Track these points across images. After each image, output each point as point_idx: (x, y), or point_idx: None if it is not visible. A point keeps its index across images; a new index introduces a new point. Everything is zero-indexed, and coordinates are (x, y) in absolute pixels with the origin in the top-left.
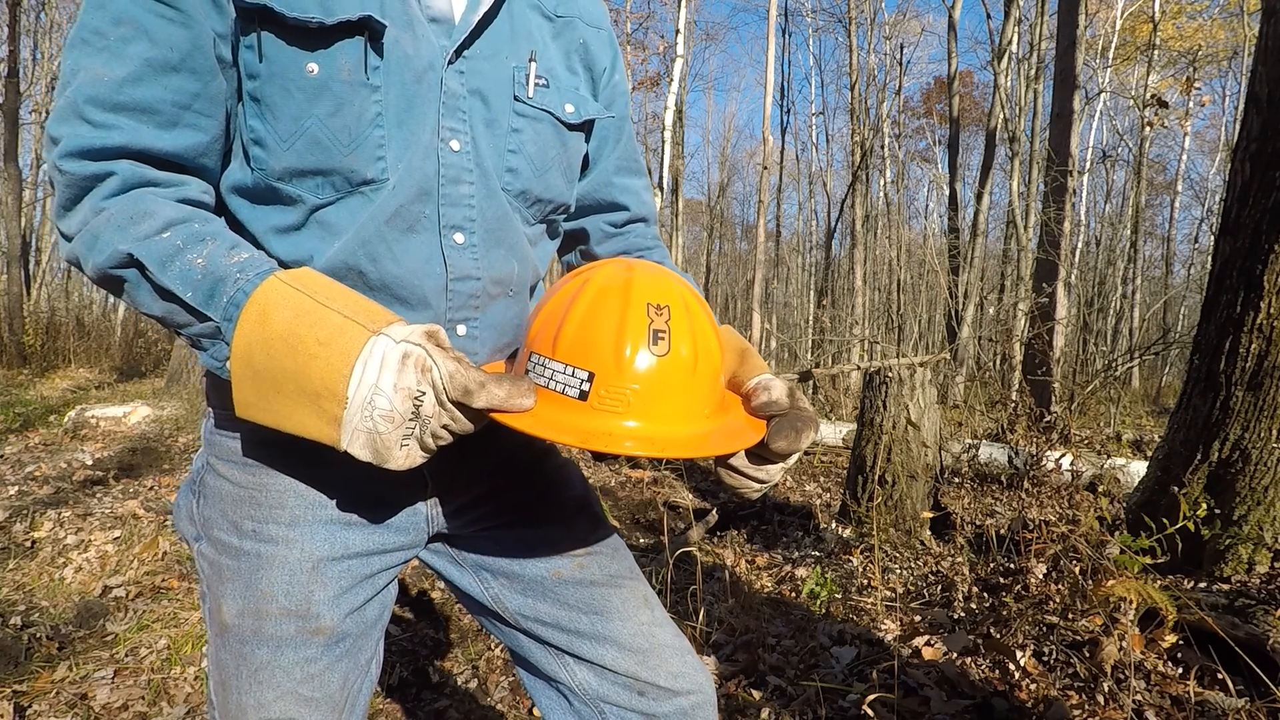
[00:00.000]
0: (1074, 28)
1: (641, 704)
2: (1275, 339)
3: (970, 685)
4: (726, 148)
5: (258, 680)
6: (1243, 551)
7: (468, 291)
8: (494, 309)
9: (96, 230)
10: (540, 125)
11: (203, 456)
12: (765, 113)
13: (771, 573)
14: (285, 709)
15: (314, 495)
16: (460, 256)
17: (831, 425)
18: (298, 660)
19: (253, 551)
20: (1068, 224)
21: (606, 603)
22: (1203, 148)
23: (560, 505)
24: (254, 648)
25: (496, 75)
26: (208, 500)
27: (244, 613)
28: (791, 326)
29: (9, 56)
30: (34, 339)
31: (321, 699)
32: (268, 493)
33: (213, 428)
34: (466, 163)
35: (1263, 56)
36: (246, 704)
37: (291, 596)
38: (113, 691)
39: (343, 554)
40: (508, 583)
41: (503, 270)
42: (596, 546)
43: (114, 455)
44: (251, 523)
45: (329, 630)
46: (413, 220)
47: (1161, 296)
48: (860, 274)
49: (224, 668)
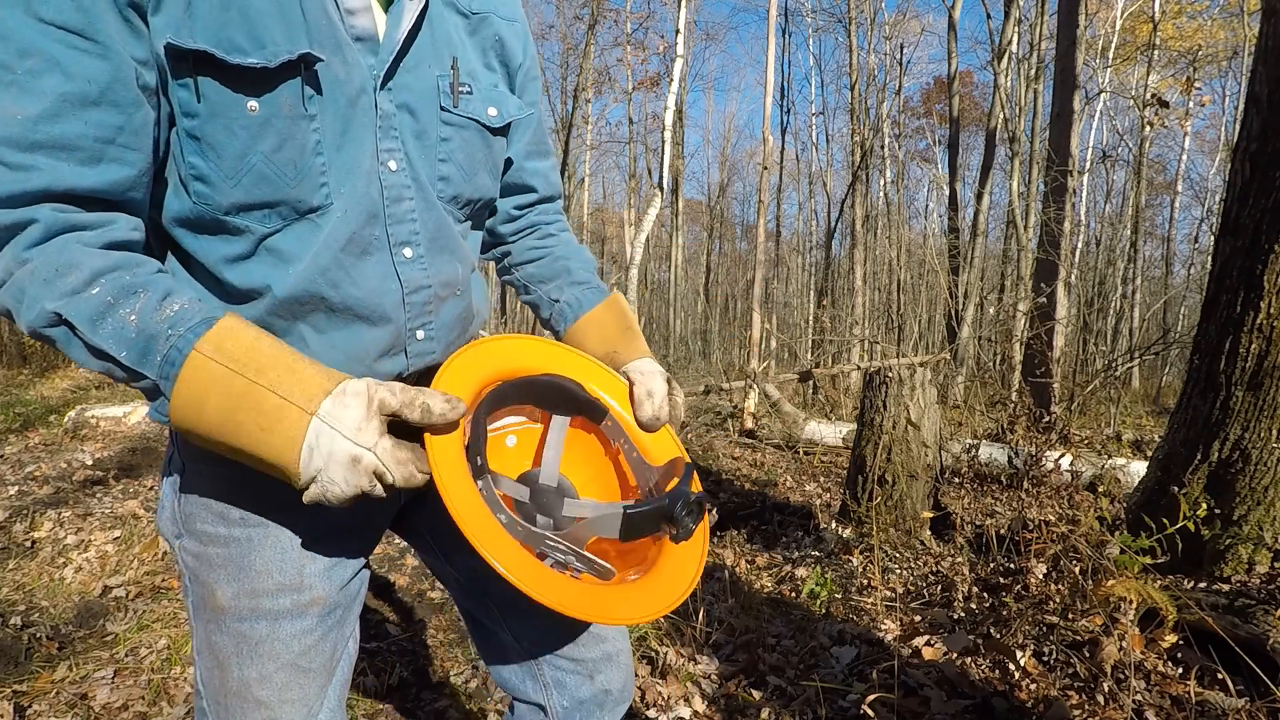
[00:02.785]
0: (1074, 28)
1: (571, 651)
2: (1275, 339)
3: (970, 685)
4: (726, 148)
5: (258, 654)
6: (1243, 551)
7: (422, 300)
8: (445, 310)
9: (22, 284)
10: (467, 133)
11: (177, 461)
12: (765, 113)
13: (771, 573)
14: (286, 679)
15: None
16: (411, 269)
17: (831, 425)
18: (295, 632)
19: (243, 536)
20: (1068, 224)
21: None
22: (1203, 148)
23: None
24: (252, 624)
25: (422, 88)
26: (189, 497)
27: (240, 594)
28: (791, 326)
29: None
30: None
31: (317, 668)
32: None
33: None
34: (405, 180)
35: (1263, 56)
36: (249, 678)
37: (285, 572)
38: (113, 691)
39: (330, 530)
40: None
41: (449, 273)
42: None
43: (114, 455)
44: (239, 511)
45: (322, 601)
46: (365, 244)
47: (1161, 296)
48: (860, 274)
49: (220, 650)
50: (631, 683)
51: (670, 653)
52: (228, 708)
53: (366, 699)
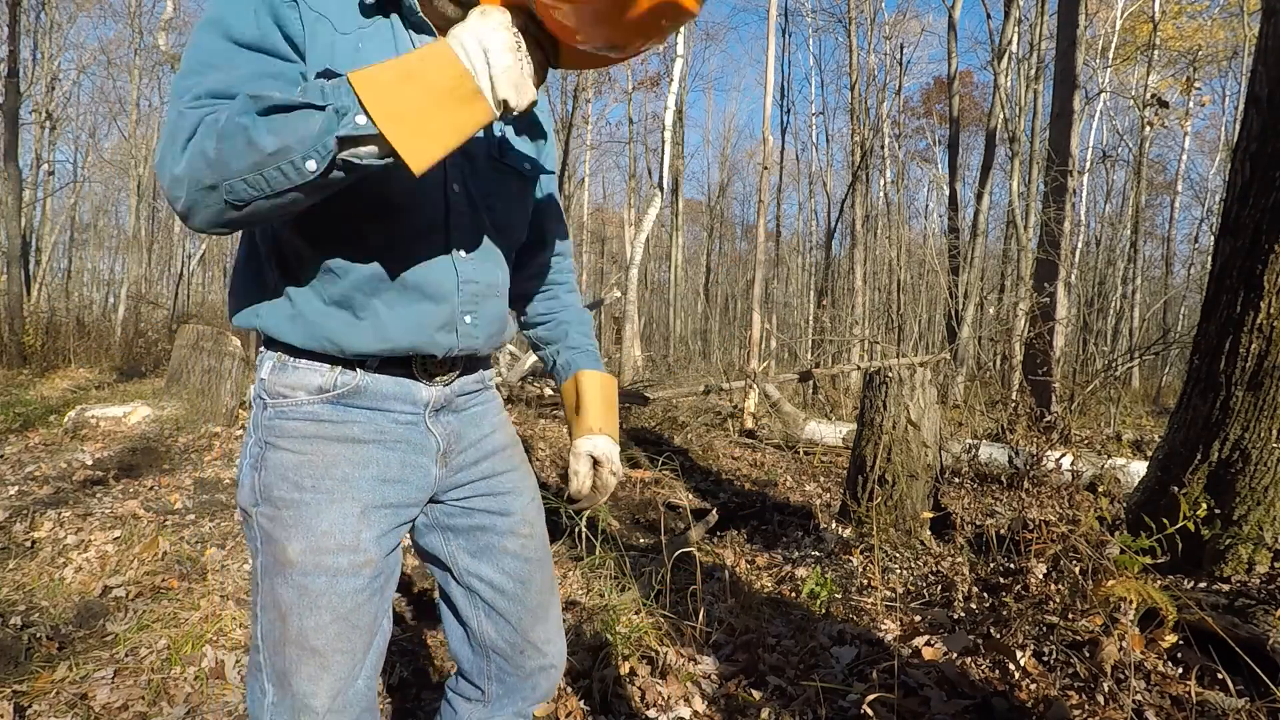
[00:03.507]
0: (1074, 28)
1: (517, 659)
2: (1275, 339)
3: (970, 685)
4: (726, 148)
5: (317, 606)
6: (1243, 551)
7: (470, 292)
8: (488, 305)
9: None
10: (507, 177)
11: (260, 441)
12: (765, 113)
13: (771, 573)
14: (338, 630)
15: (360, 459)
16: (465, 266)
17: (831, 425)
18: (349, 589)
19: (312, 501)
20: (1068, 224)
21: (531, 577)
22: (1203, 148)
23: (521, 494)
24: (314, 578)
25: (479, 144)
26: (268, 470)
27: (306, 550)
28: (791, 326)
29: (9, 56)
30: (34, 339)
31: (363, 627)
32: (324, 458)
33: (272, 417)
34: (464, 202)
35: (1263, 56)
36: (307, 628)
37: (345, 533)
38: (113, 691)
39: (382, 503)
40: (465, 544)
41: (492, 277)
42: (538, 532)
43: (114, 455)
44: (311, 479)
45: (373, 564)
46: (434, 240)
47: (1161, 296)
48: (860, 274)
49: (284, 602)
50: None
51: (670, 653)
52: (285, 656)
53: None
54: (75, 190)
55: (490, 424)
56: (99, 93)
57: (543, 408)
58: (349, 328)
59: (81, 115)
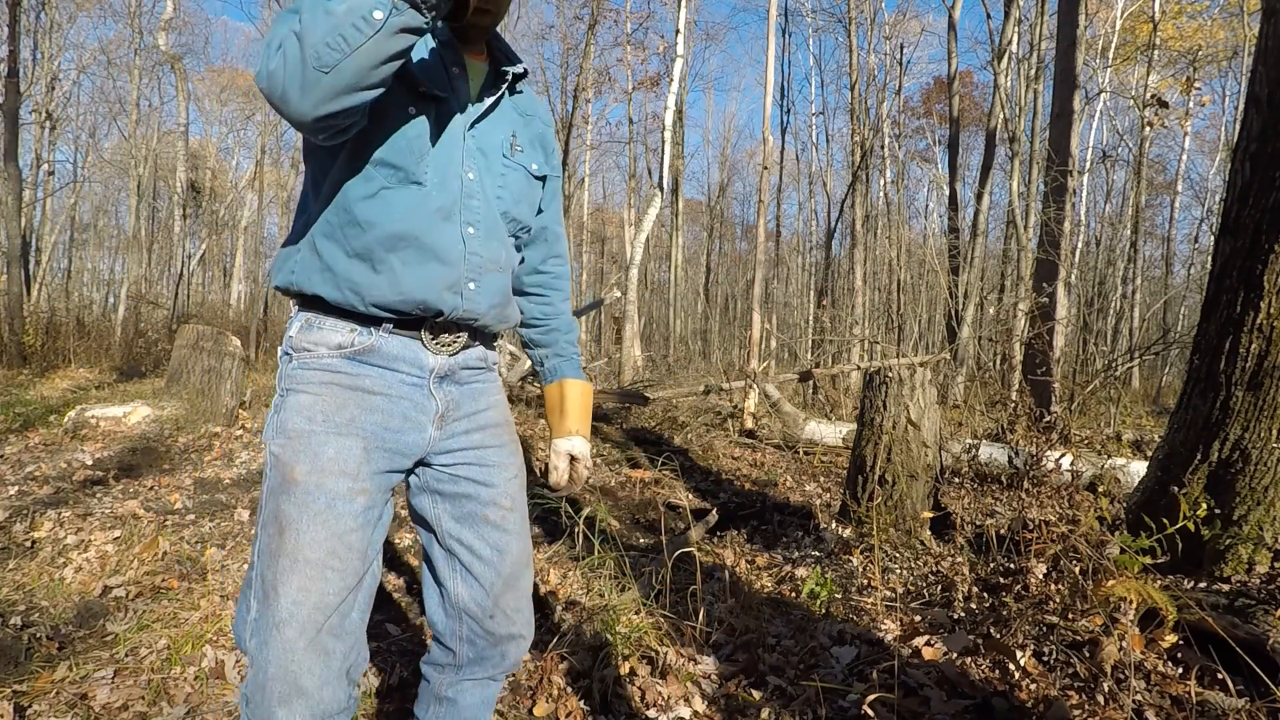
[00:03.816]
0: (1074, 28)
1: (488, 624)
2: (1275, 339)
3: (970, 685)
4: (726, 148)
5: (316, 520)
6: (1243, 551)
7: (475, 262)
8: (489, 276)
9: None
10: (517, 174)
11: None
12: (765, 113)
13: (771, 573)
14: (331, 547)
15: (368, 406)
16: (472, 240)
17: (831, 425)
18: (345, 511)
19: (322, 432)
20: (1068, 224)
21: (508, 548)
22: (1203, 148)
23: (505, 469)
24: (316, 497)
25: (491, 141)
26: (287, 410)
27: (312, 471)
28: (791, 326)
29: (9, 56)
30: (34, 339)
31: (355, 549)
32: (336, 400)
33: (295, 369)
34: (475, 187)
35: (1263, 56)
36: (303, 541)
37: (347, 462)
38: (113, 691)
39: (381, 446)
40: (450, 509)
41: (494, 253)
42: (519, 508)
43: (114, 455)
44: (322, 415)
45: (369, 493)
46: (447, 214)
47: (1161, 296)
48: (860, 274)
49: (285, 516)
50: (522, 658)
51: (670, 653)
52: (277, 568)
53: (367, 699)
54: (75, 190)
55: (488, 401)
56: (99, 93)
57: (542, 408)
58: (369, 278)
59: (81, 115)
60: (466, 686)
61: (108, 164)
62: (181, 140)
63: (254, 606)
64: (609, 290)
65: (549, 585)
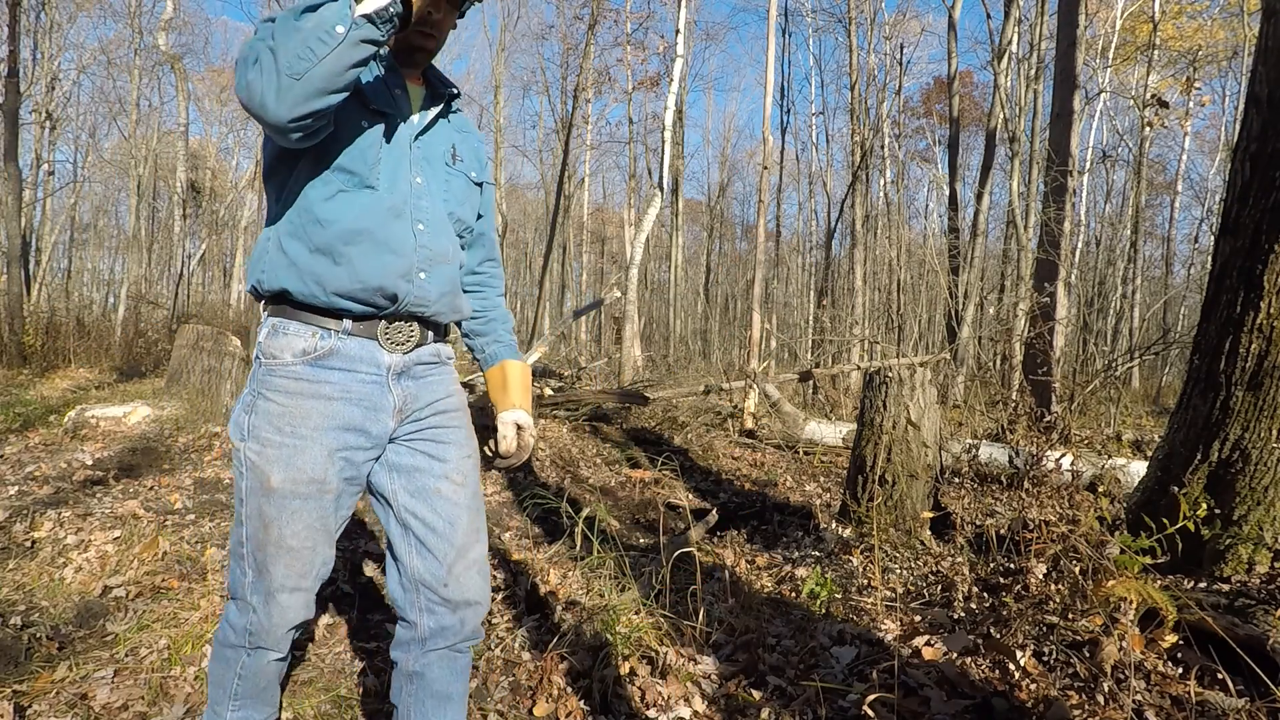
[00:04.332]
0: (1074, 28)
1: (443, 591)
2: (1275, 339)
3: (970, 685)
4: (726, 148)
5: (294, 518)
6: (1243, 551)
7: (424, 255)
8: (438, 268)
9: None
10: (459, 179)
11: (253, 391)
12: (765, 113)
13: (771, 573)
14: (308, 534)
15: (330, 413)
16: (422, 235)
17: (831, 425)
18: (316, 508)
19: (291, 444)
20: (1068, 224)
21: (459, 520)
22: (1203, 148)
23: (459, 447)
24: (291, 500)
25: (434, 152)
26: (258, 415)
27: (286, 479)
28: (791, 326)
29: (9, 56)
30: (34, 339)
31: (326, 531)
32: (302, 411)
33: (265, 374)
34: (423, 190)
35: (1263, 56)
36: (285, 533)
37: (315, 470)
38: (113, 691)
39: (343, 447)
40: (405, 484)
41: (441, 247)
42: (470, 485)
43: (114, 455)
44: (290, 427)
45: (334, 490)
46: (398, 212)
47: (1161, 296)
48: (860, 274)
49: (268, 515)
50: (480, 627)
51: (670, 653)
52: (267, 553)
53: (367, 699)
54: (75, 190)
55: (444, 390)
56: (99, 93)
57: (543, 408)
58: (331, 270)
59: (81, 115)
60: (432, 659)
61: (108, 164)
62: (181, 140)
63: (250, 574)
64: (609, 290)
65: (549, 585)
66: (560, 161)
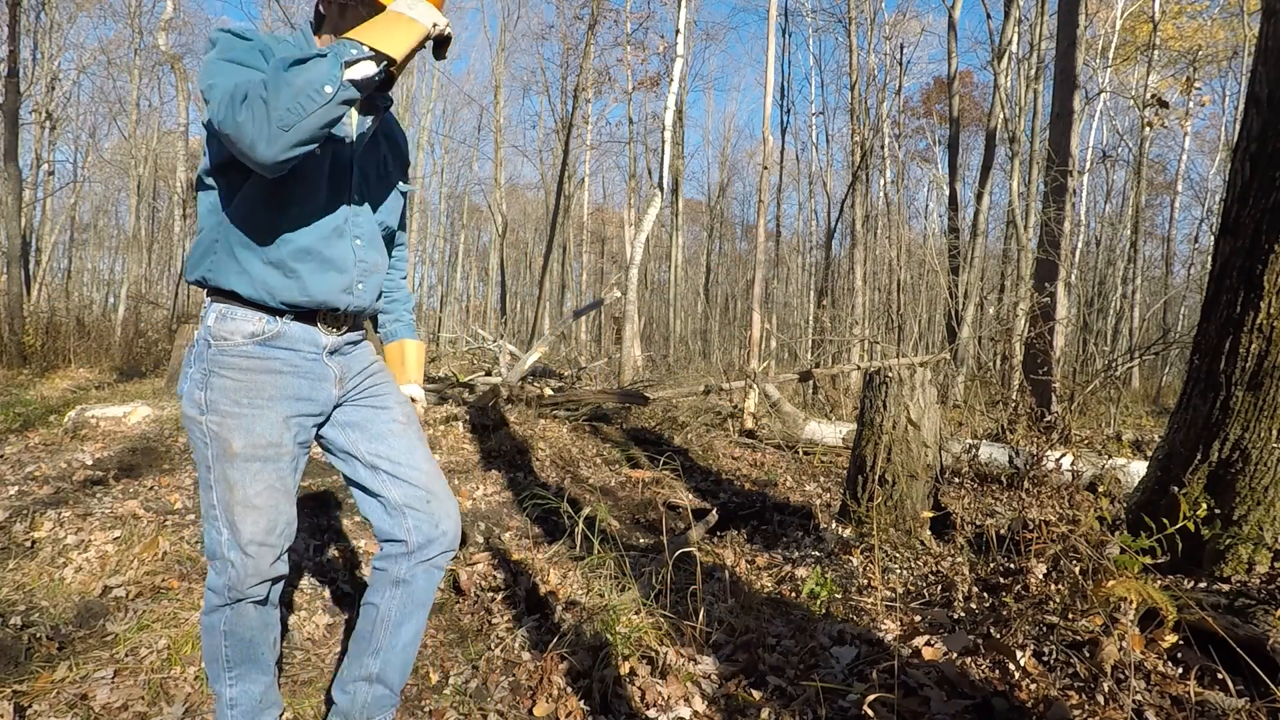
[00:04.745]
0: (1074, 28)
1: (427, 509)
2: (1275, 339)
3: (970, 685)
4: (726, 148)
5: (256, 479)
6: (1243, 551)
7: (363, 268)
8: (372, 278)
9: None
10: (389, 188)
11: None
12: (765, 113)
13: (771, 573)
14: (270, 493)
15: (280, 385)
16: (359, 250)
17: (831, 425)
18: (275, 469)
19: (248, 413)
20: (1068, 224)
21: (415, 450)
22: (1203, 148)
23: (396, 397)
24: (251, 462)
25: (371, 166)
26: (214, 391)
27: (247, 445)
28: (791, 326)
29: (9, 56)
30: (34, 339)
31: (285, 489)
32: (255, 384)
33: (215, 354)
34: (360, 207)
35: (1263, 56)
36: (250, 493)
37: (271, 434)
38: (113, 691)
39: (295, 414)
40: (362, 435)
41: (375, 259)
42: (413, 426)
43: (114, 455)
44: (247, 398)
45: (290, 453)
46: (340, 231)
47: (1161, 296)
48: (860, 274)
49: (232, 478)
50: (458, 534)
51: (670, 653)
52: (234, 512)
53: None
54: (75, 190)
55: (369, 358)
56: (99, 93)
57: (543, 408)
58: (282, 283)
59: (81, 115)
60: (419, 571)
61: (108, 164)
62: (181, 140)
63: (224, 532)
64: (609, 290)
65: (549, 585)
66: (560, 161)
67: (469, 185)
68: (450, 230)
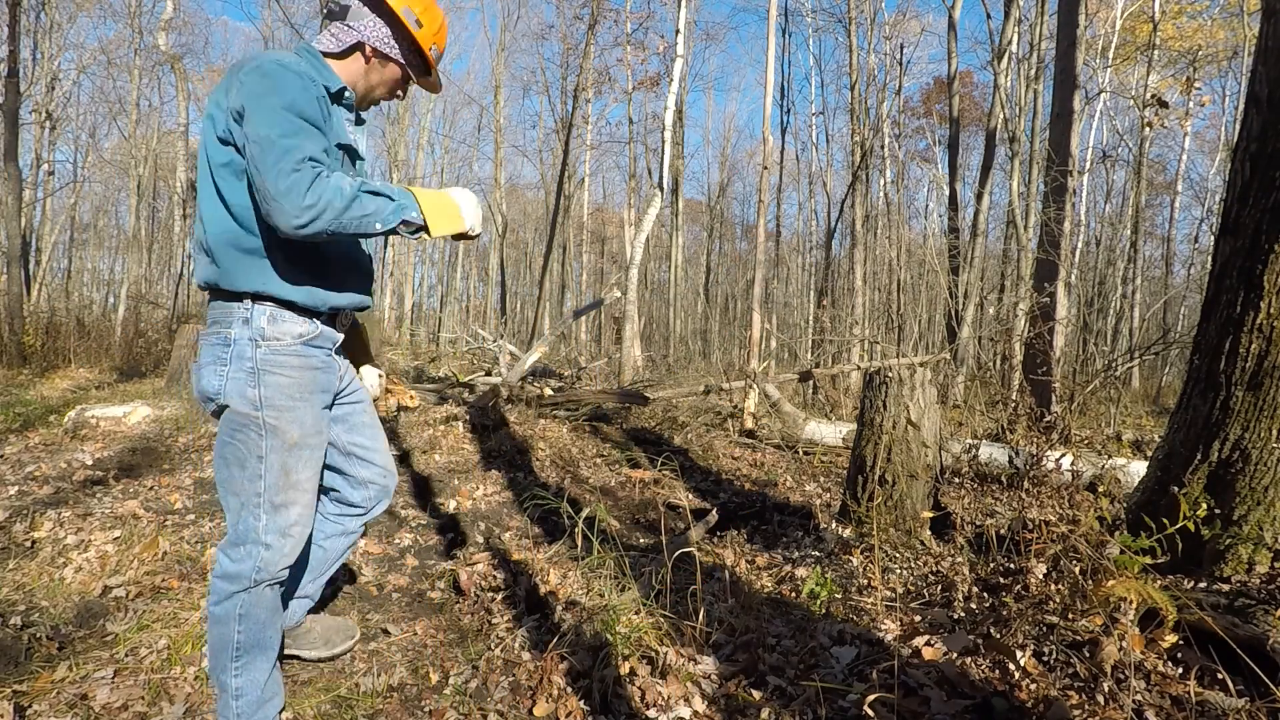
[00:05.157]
0: (1074, 28)
1: (383, 481)
2: (1275, 339)
3: (970, 685)
4: (726, 148)
5: (308, 465)
6: (1243, 551)
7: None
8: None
9: (329, 198)
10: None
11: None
12: (765, 113)
13: (771, 573)
14: (312, 475)
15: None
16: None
17: (831, 425)
18: (318, 455)
19: (301, 406)
20: (1068, 224)
21: (378, 436)
22: (1203, 148)
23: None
24: (303, 450)
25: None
26: (268, 388)
27: (303, 434)
28: (791, 326)
29: (9, 56)
30: (34, 339)
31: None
32: (304, 379)
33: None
34: None
35: (1263, 56)
36: (301, 478)
37: (320, 423)
38: (113, 691)
39: (326, 404)
40: (343, 427)
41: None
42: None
43: (114, 455)
44: (300, 393)
45: (326, 438)
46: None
47: (1161, 296)
48: (860, 274)
49: (290, 466)
50: (393, 491)
51: (670, 653)
52: (285, 495)
53: (366, 699)
54: (75, 190)
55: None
56: (99, 93)
57: (543, 408)
58: (331, 292)
59: (81, 115)
60: (361, 524)
61: (108, 164)
62: (181, 140)
63: (264, 518)
64: (609, 290)
65: (549, 585)
66: (560, 161)
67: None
68: None
